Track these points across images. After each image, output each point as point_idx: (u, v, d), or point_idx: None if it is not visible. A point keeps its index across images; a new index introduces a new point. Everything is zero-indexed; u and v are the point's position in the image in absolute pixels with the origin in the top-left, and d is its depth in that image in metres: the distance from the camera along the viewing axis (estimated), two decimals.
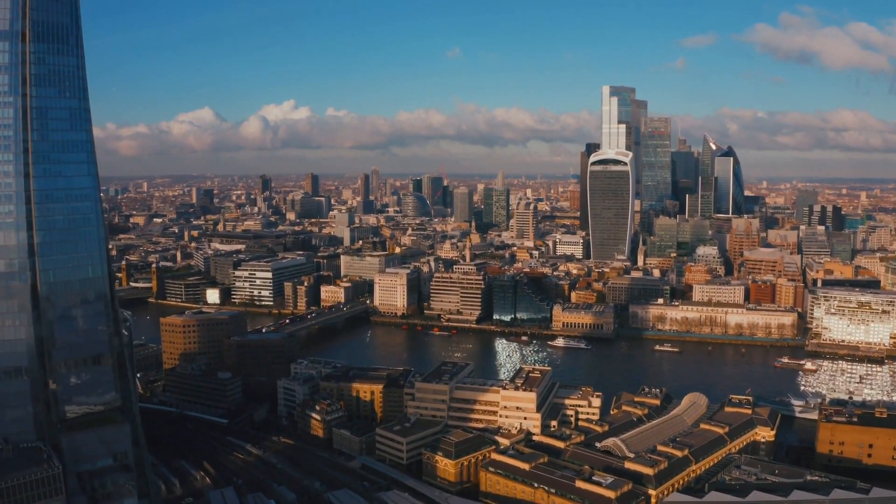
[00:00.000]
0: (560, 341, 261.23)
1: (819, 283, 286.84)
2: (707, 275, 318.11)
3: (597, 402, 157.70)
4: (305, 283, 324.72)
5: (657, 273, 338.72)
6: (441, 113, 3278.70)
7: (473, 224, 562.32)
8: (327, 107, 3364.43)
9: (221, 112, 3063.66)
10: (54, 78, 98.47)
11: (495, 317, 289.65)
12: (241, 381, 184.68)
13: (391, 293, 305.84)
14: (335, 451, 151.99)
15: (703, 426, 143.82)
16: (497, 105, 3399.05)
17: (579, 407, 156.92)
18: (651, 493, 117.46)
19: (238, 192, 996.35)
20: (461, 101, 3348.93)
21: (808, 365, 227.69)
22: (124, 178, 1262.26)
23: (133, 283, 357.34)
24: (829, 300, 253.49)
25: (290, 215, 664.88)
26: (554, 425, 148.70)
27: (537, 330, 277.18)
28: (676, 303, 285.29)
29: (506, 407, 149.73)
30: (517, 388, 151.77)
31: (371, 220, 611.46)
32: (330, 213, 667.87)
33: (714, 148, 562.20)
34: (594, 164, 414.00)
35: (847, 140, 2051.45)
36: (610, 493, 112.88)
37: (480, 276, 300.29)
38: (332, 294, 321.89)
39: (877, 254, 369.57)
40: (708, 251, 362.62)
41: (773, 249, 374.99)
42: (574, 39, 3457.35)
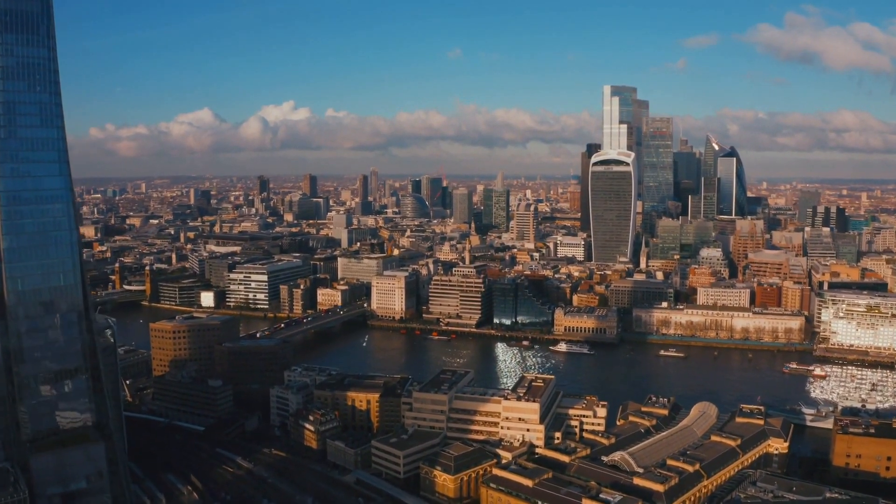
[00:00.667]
0: (562, 346, 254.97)
1: (826, 286, 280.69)
2: (711, 277, 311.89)
3: (602, 413, 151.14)
4: (302, 286, 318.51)
5: (660, 276, 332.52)
6: (441, 114, 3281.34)
7: (473, 225, 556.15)
8: (327, 107, 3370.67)
9: (221, 113, 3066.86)
10: (23, 71, 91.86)
11: (496, 321, 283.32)
12: (233, 389, 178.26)
13: (389, 296, 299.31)
14: (329, 464, 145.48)
15: (713, 438, 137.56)
16: (497, 106, 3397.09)
17: (584, 417, 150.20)
18: None
19: (236, 193, 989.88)
20: (461, 102, 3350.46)
21: (817, 371, 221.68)
22: (123, 180, 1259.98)
23: (126, 286, 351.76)
24: (836, 303, 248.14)
25: (287, 216, 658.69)
26: (558, 438, 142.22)
27: (538, 334, 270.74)
28: (681, 306, 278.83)
29: (508, 418, 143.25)
30: (519, 397, 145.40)
31: (369, 221, 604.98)
32: (328, 214, 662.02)
33: (717, 148, 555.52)
34: (596, 164, 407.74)
35: (847, 141, 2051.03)
36: None
37: (480, 279, 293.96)
38: (328, 297, 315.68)
39: (883, 256, 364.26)
40: (712, 253, 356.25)
41: (778, 251, 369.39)
42: (575, 40, 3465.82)
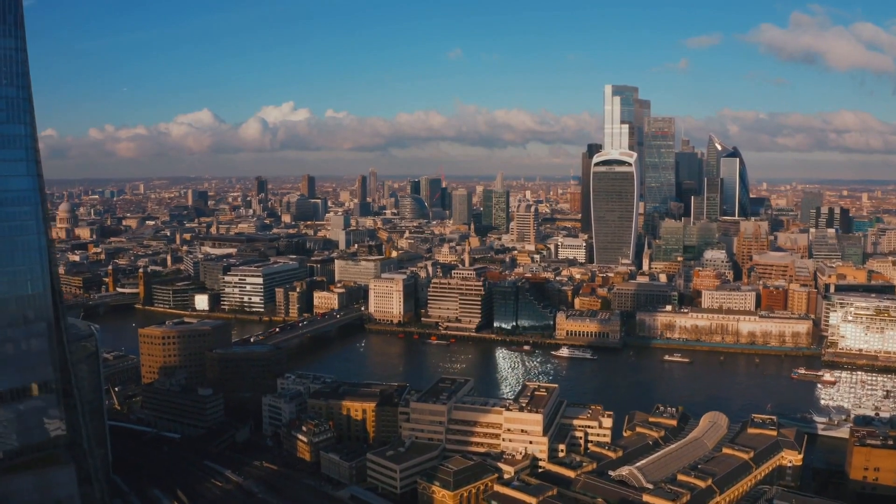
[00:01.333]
0: (564, 351, 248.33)
1: (832, 289, 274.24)
2: (716, 280, 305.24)
3: (608, 423, 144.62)
4: (298, 289, 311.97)
5: (664, 278, 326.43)
6: (441, 114, 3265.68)
7: (472, 226, 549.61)
8: (326, 108, 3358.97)
9: (220, 114, 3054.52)
10: None
11: (496, 325, 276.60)
12: (224, 398, 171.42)
13: (387, 300, 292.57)
14: (323, 478, 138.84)
15: (725, 450, 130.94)
16: (498, 106, 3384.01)
17: (589, 428, 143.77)
18: None
19: (234, 194, 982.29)
20: (462, 103, 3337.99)
21: (826, 376, 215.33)
22: (122, 181, 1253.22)
23: (120, 289, 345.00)
24: (844, 307, 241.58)
25: (285, 218, 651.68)
26: (562, 450, 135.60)
27: (540, 339, 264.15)
28: (685, 310, 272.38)
29: (509, 430, 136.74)
30: (522, 408, 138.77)
31: (368, 222, 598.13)
32: (326, 215, 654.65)
33: (720, 149, 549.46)
34: (597, 164, 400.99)
35: (847, 141, 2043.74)
36: None
37: (480, 282, 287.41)
38: (325, 300, 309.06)
39: (889, 257, 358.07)
40: (716, 255, 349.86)
41: (783, 253, 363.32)
42: (576, 40, 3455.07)
